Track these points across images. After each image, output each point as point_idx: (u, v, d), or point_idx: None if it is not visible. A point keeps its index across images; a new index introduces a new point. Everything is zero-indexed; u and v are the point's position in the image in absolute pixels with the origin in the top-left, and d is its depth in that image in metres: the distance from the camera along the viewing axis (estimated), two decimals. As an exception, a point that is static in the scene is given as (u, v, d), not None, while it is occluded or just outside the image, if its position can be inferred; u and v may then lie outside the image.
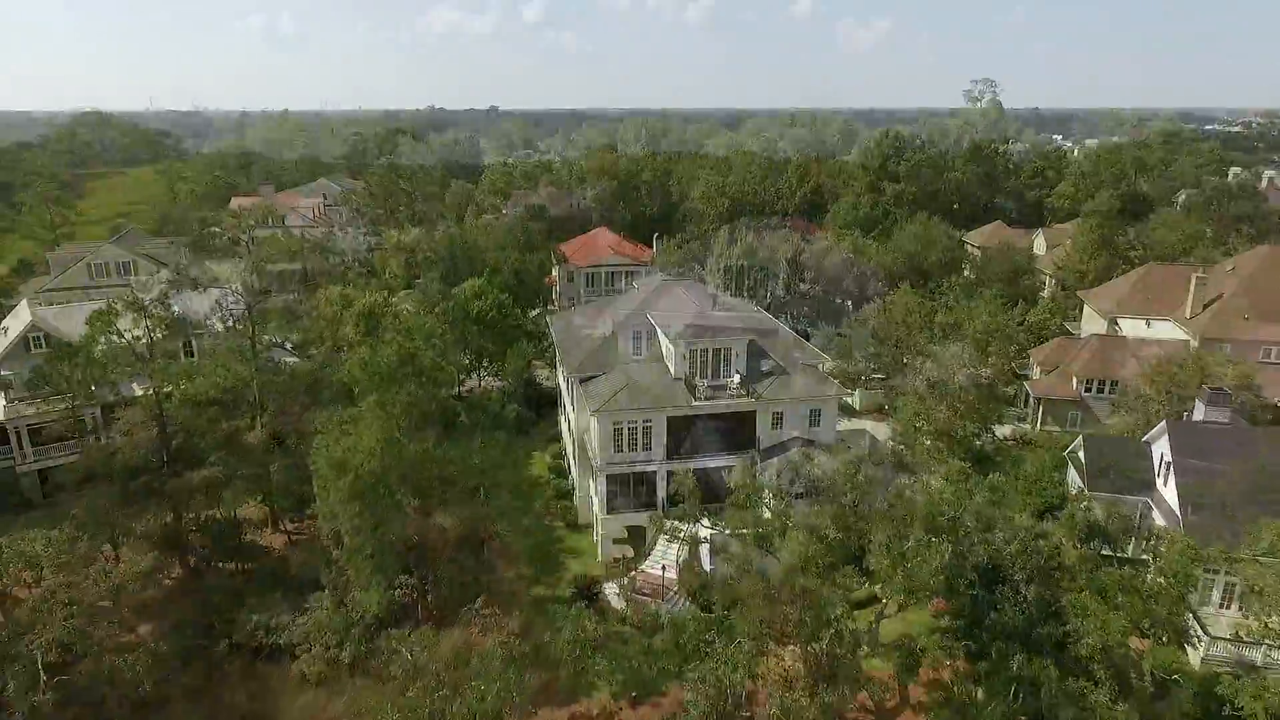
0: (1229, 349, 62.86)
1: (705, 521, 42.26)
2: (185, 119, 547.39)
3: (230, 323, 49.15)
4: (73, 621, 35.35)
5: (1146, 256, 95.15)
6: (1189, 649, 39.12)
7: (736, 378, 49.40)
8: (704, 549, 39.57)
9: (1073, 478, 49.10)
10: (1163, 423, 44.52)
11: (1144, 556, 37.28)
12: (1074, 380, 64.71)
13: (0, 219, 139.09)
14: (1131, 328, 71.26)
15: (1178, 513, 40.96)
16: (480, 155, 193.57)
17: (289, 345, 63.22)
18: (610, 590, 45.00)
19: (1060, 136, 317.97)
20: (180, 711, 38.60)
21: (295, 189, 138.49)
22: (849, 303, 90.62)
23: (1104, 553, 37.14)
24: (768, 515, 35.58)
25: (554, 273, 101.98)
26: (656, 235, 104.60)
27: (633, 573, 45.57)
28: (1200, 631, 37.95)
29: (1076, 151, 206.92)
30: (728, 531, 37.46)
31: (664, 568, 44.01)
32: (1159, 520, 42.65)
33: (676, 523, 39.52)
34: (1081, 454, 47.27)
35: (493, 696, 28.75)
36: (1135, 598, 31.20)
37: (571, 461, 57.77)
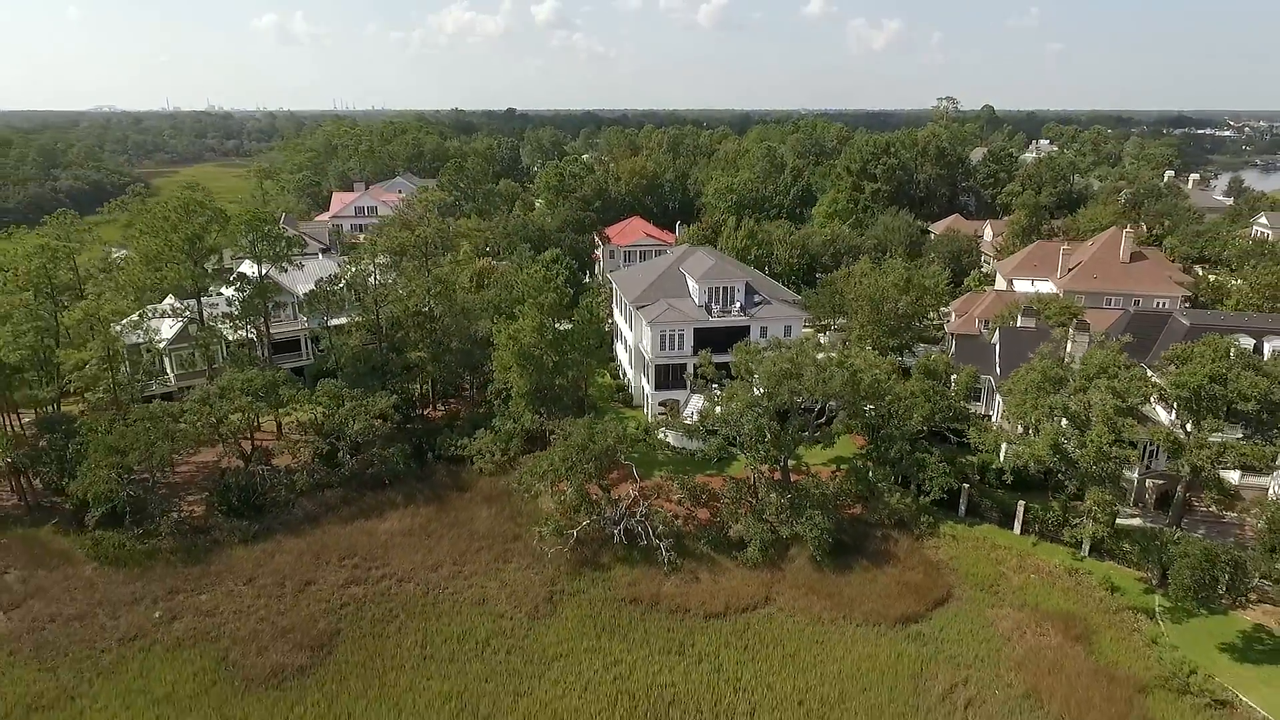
0: (1083, 299, 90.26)
1: (715, 386, 69.96)
2: (222, 121, 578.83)
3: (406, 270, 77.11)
4: (364, 421, 63.63)
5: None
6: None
7: (738, 305, 77.30)
8: (716, 391, 67.13)
9: (954, 371, 76.65)
10: (998, 329, 72.11)
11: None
12: (976, 321, 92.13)
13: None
14: (1021, 285, 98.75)
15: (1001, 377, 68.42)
16: (519, 159, 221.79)
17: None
18: (659, 431, 72.76)
19: (1048, 140, 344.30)
20: (414, 485, 66.60)
21: (377, 185, 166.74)
22: (825, 274, 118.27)
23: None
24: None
25: (598, 251, 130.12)
26: (679, 222, 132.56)
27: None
28: (1007, 442, 65.55)
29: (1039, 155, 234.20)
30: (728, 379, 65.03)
31: (693, 414, 71.71)
32: (994, 386, 70.25)
33: (703, 379, 67.20)
34: (953, 351, 74.96)
35: (611, 439, 56.68)
36: (940, 399, 59.16)
37: (627, 368, 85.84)
